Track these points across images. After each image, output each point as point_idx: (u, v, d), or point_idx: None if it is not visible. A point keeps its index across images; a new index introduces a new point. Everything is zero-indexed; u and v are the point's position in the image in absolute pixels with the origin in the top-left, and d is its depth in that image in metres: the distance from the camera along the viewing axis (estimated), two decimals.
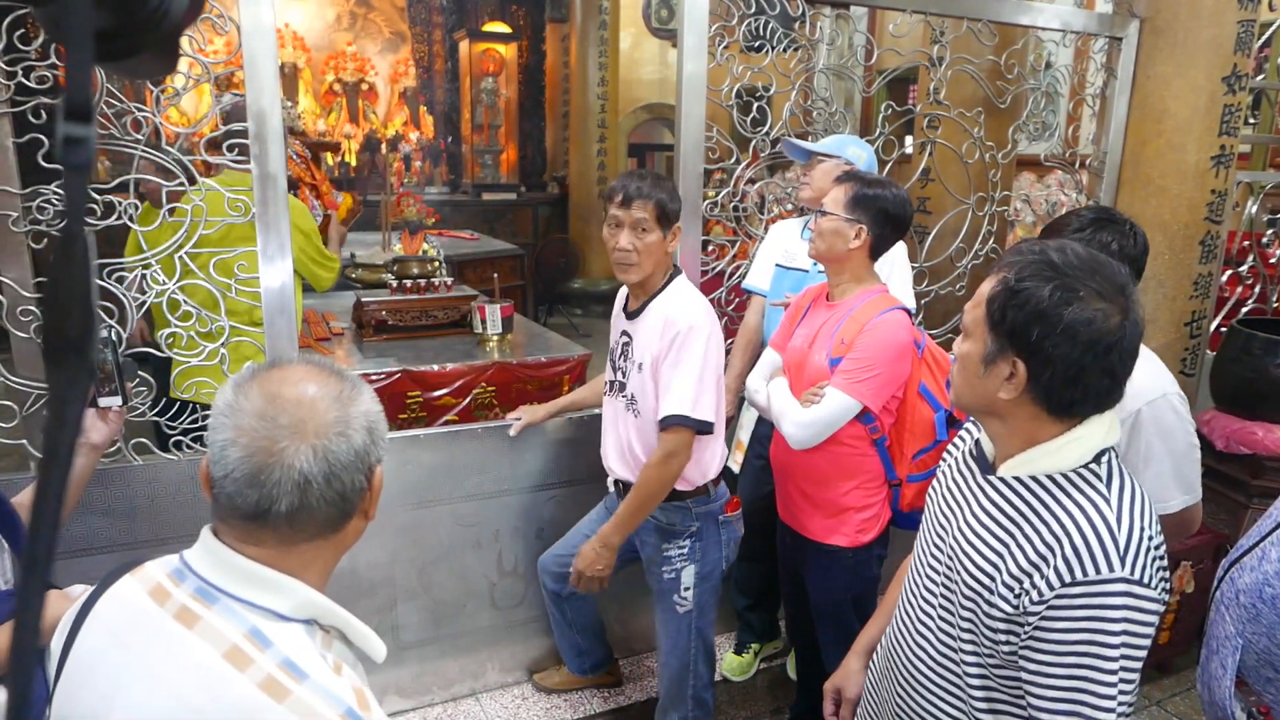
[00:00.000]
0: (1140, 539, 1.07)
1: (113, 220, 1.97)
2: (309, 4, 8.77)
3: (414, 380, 3.05)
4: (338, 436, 0.86)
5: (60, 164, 0.34)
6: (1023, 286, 1.09)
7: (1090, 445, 1.12)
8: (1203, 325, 3.10)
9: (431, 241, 4.34)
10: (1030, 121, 3.11)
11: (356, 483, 0.89)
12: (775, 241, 2.66)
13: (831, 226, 1.96)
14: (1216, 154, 2.90)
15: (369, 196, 7.92)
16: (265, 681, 0.79)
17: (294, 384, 0.87)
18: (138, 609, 0.86)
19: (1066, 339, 1.06)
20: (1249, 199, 3.58)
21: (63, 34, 0.34)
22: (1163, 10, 2.90)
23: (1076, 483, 1.12)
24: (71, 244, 0.34)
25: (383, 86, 9.16)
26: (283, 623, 0.85)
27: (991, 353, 1.13)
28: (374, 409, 0.93)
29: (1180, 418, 1.72)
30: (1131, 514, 1.08)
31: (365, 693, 0.85)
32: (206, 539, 0.88)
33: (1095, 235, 1.73)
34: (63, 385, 0.35)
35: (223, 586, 0.85)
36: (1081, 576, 1.05)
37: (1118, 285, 1.08)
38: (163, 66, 0.43)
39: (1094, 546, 1.05)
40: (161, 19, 0.39)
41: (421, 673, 2.54)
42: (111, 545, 2.08)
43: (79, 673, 0.86)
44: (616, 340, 2.13)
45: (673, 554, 2.09)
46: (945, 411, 1.98)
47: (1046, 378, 1.08)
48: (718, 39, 2.56)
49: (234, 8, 1.93)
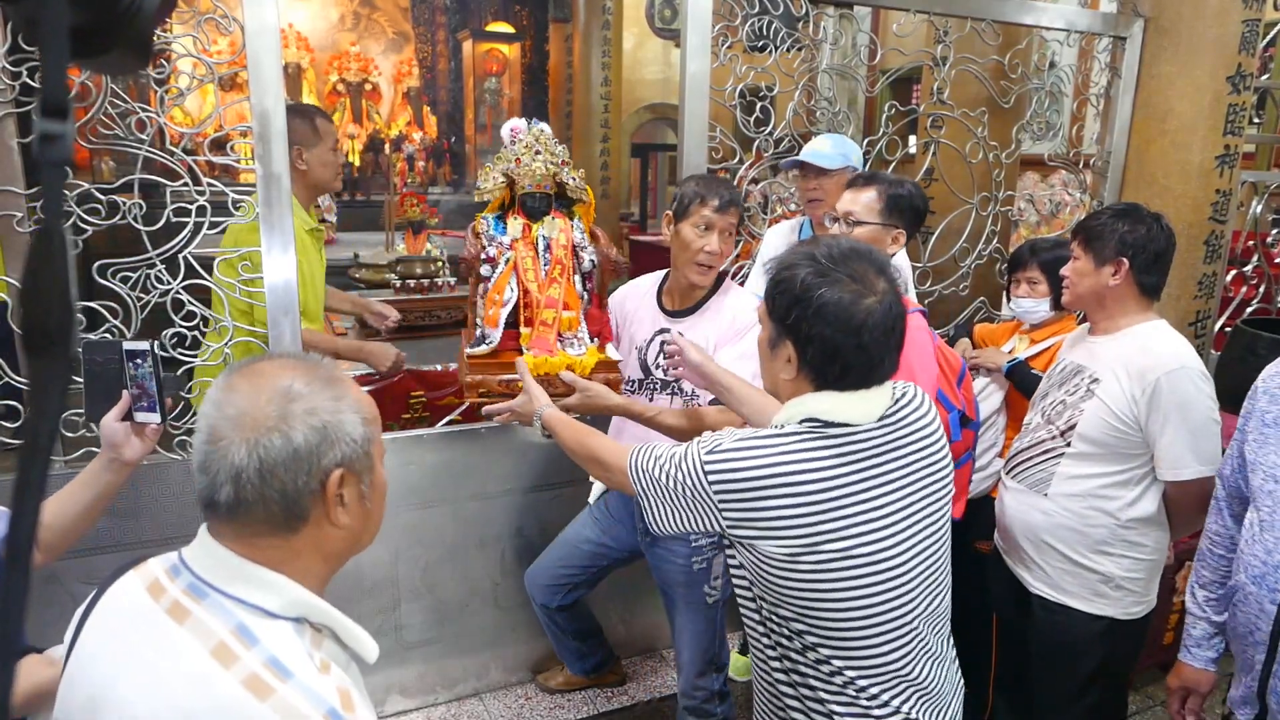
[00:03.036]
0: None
1: (117, 220, 1.97)
2: (313, 4, 8.78)
3: (417, 380, 3.05)
4: (272, 432, 0.84)
5: (37, 159, 0.35)
6: (784, 275, 1.23)
7: (806, 410, 1.23)
8: (1207, 325, 3.09)
9: (435, 242, 4.35)
10: (1034, 121, 3.11)
11: (301, 484, 0.85)
12: (773, 247, 2.63)
13: (870, 235, 1.92)
14: (1221, 154, 2.90)
15: (372, 196, 7.95)
16: (249, 679, 0.79)
17: (254, 376, 0.87)
18: (135, 604, 0.87)
19: (820, 319, 1.18)
20: (1253, 199, 3.58)
21: (38, 32, 0.34)
22: (1167, 10, 2.89)
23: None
24: (49, 238, 0.35)
25: (386, 87, 9.18)
26: (271, 620, 0.84)
27: (773, 338, 1.27)
28: (329, 409, 0.87)
29: (1200, 391, 1.77)
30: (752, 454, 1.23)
31: (351, 693, 0.83)
32: (202, 534, 0.89)
33: (1109, 221, 1.84)
34: (42, 376, 0.35)
35: (213, 582, 0.85)
36: None
37: (875, 270, 1.21)
38: (136, 63, 0.43)
39: None
40: (134, 16, 0.40)
41: (425, 672, 2.54)
42: (116, 544, 2.08)
43: (79, 665, 0.87)
44: (646, 340, 2.07)
45: (703, 543, 2.07)
46: (958, 412, 1.97)
47: (810, 355, 1.21)
48: (721, 39, 2.55)
49: (238, 8, 1.93)
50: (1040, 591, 1.97)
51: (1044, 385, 2.06)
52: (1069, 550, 1.90)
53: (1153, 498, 1.85)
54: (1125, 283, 1.85)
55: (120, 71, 0.48)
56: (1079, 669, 1.94)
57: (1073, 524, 1.88)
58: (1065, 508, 1.89)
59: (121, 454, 1.39)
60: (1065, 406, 1.91)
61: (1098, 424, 1.83)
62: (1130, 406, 1.79)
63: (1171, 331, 1.86)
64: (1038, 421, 2.00)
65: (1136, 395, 1.78)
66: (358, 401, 0.92)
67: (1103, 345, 1.90)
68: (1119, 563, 1.86)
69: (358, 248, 5.16)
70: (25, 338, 0.35)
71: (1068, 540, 1.89)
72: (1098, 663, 1.92)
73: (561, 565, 2.36)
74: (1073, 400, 1.90)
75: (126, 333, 2.03)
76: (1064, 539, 1.90)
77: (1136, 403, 1.78)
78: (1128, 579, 1.87)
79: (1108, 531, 1.86)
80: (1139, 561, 1.87)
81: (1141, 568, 1.88)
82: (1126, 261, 1.83)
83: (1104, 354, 1.88)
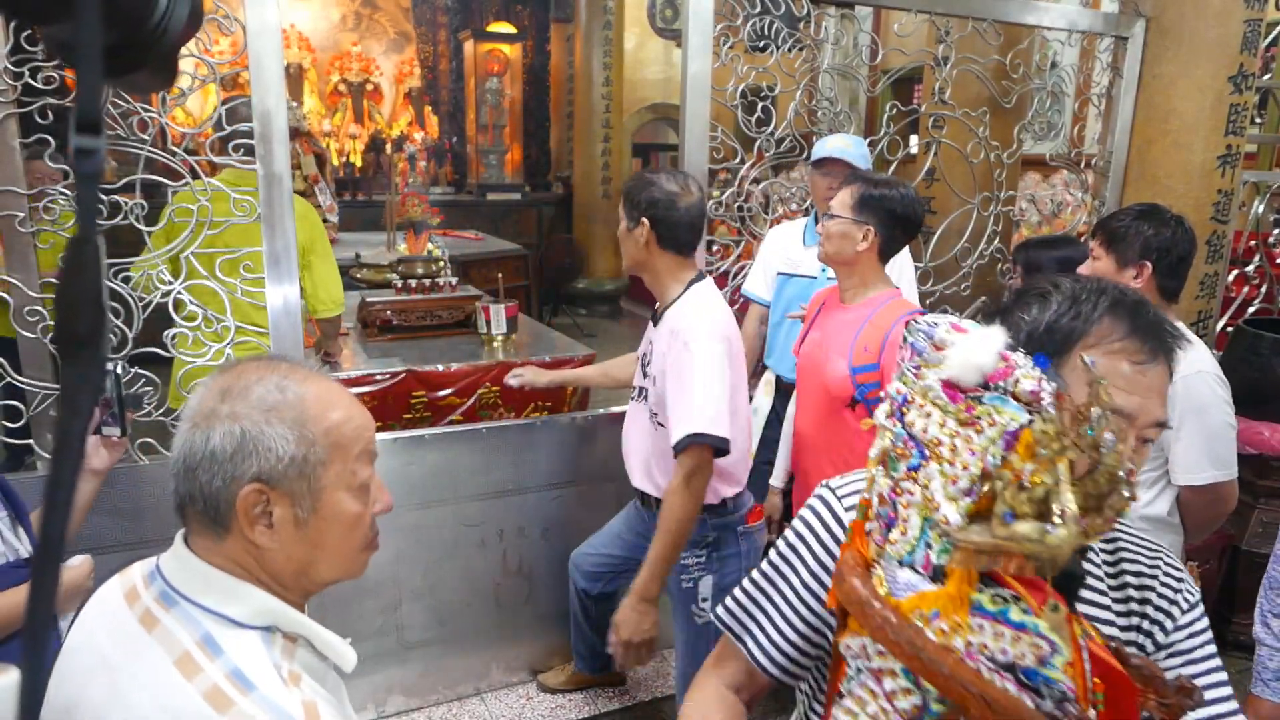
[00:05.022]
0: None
1: (119, 220, 1.98)
2: (314, 4, 8.79)
3: (419, 380, 3.05)
4: (197, 428, 0.84)
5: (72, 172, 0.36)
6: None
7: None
8: (1209, 325, 3.09)
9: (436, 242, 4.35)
10: (1035, 121, 3.11)
11: (214, 486, 0.83)
12: (775, 247, 2.63)
13: (839, 229, 1.93)
14: (1223, 153, 2.89)
15: (374, 196, 7.95)
16: (210, 691, 0.77)
17: (226, 371, 0.88)
18: (112, 610, 0.86)
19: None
20: (1255, 199, 3.57)
21: (73, 52, 0.36)
22: (1169, 9, 2.89)
23: None
24: (83, 247, 0.36)
25: (387, 87, 9.18)
26: (238, 630, 0.82)
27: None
28: (255, 419, 0.83)
29: (1217, 396, 1.76)
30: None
31: (319, 706, 0.80)
32: (177, 541, 0.88)
33: (1133, 223, 1.83)
34: (74, 379, 0.37)
35: (183, 590, 0.84)
36: None
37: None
38: (162, 81, 0.45)
39: None
40: (162, 36, 0.41)
41: (426, 672, 2.54)
42: (118, 544, 2.09)
43: (60, 669, 0.87)
44: (646, 347, 2.07)
45: (690, 563, 2.02)
46: None
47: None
48: (722, 39, 2.55)
49: (239, 8, 1.93)
50: None
51: None
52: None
53: (1166, 499, 1.84)
54: (1147, 286, 1.83)
55: (146, 90, 0.50)
56: None
57: None
58: None
59: (91, 464, 1.56)
60: None
61: None
62: None
63: (1190, 335, 1.85)
64: None
65: None
66: (314, 423, 0.85)
67: None
68: None
69: (359, 248, 5.16)
70: (58, 342, 0.36)
71: None
72: None
73: (606, 551, 2.33)
74: None
75: (128, 333, 2.03)
76: None
77: None
78: None
79: None
80: None
81: None
82: (1150, 265, 1.81)
83: None
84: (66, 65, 0.49)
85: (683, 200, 1.89)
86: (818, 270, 2.44)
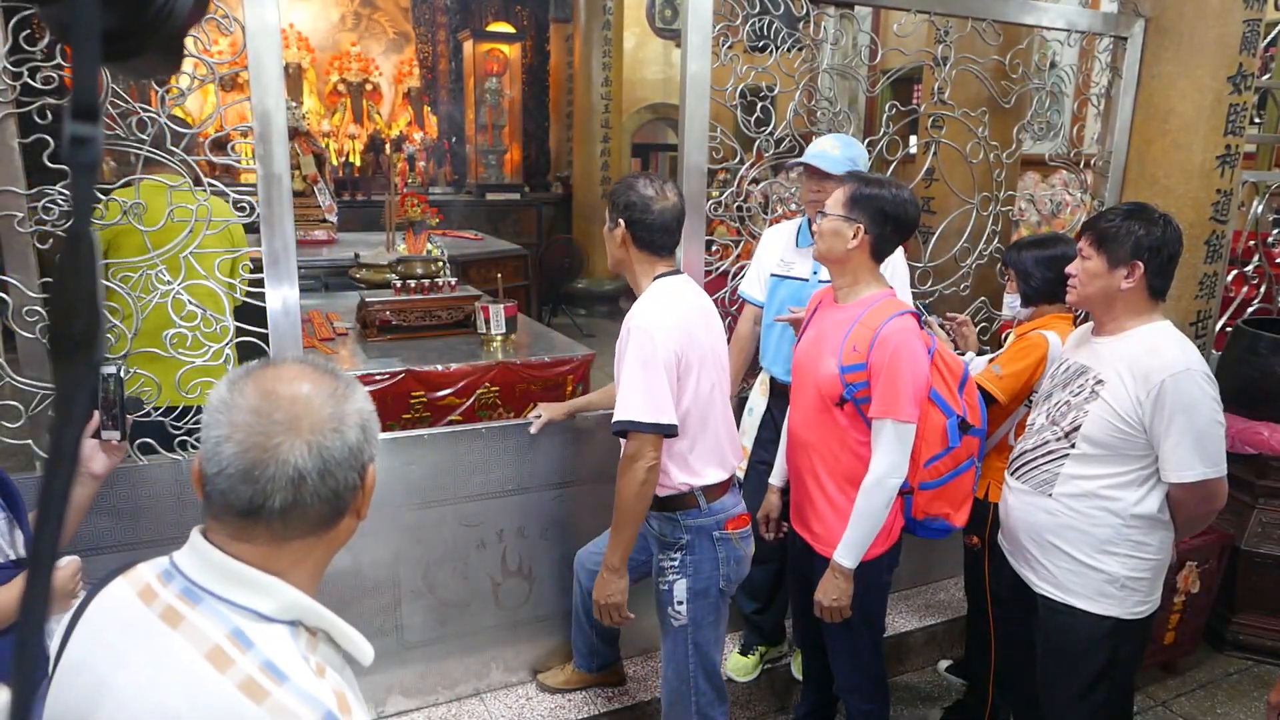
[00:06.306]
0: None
1: (118, 220, 1.98)
2: (313, 4, 8.79)
3: (418, 380, 3.05)
4: (332, 433, 0.86)
5: (67, 163, 0.35)
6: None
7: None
8: (1208, 325, 3.09)
9: (435, 242, 4.35)
10: (1035, 121, 3.11)
11: (350, 480, 0.89)
12: (769, 248, 2.61)
13: (830, 227, 1.94)
14: (1222, 153, 2.90)
15: (373, 196, 7.94)
16: (244, 683, 0.79)
17: (288, 381, 0.87)
18: (126, 610, 0.86)
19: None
20: (1254, 199, 3.58)
21: (70, 34, 0.34)
22: (1168, 9, 2.89)
23: None
24: (78, 243, 0.35)
25: (387, 87, 9.18)
26: (266, 624, 0.84)
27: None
28: (366, 407, 0.92)
29: (1205, 394, 1.77)
30: None
31: (347, 695, 0.84)
32: (194, 539, 0.88)
33: (1124, 223, 1.84)
34: (69, 382, 0.36)
35: (207, 586, 0.85)
36: None
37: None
38: (168, 66, 0.43)
39: None
40: (166, 19, 0.40)
41: (426, 672, 2.54)
42: (117, 545, 2.08)
43: (67, 673, 0.87)
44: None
45: (665, 565, 2.05)
46: (957, 417, 1.95)
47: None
48: (722, 39, 2.55)
49: (239, 8, 1.93)
50: (1045, 592, 1.97)
51: (1047, 385, 2.06)
52: (1074, 550, 1.89)
53: (1156, 497, 1.85)
54: (1138, 286, 1.84)
55: (151, 75, 0.48)
56: (1085, 669, 1.94)
57: (1077, 524, 1.88)
58: (1069, 508, 1.89)
59: (91, 468, 1.53)
60: (1069, 408, 1.91)
61: (1102, 426, 1.83)
62: (1135, 409, 1.79)
63: (1177, 333, 1.85)
64: (1041, 422, 1.99)
65: (1141, 398, 1.77)
66: (368, 396, 0.96)
67: (1107, 346, 1.89)
68: (1124, 563, 1.86)
69: (358, 248, 5.16)
70: (52, 343, 0.35)
71: (1072, 540, 1.89)
72: (1103, 663, 1.92)
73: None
74: (1077, 401, 1.89)
75: (128, 333, 2.03)
76: (1068, 539, 1.90)
77: (1141, 405, 1.78)
78: (1133, 579, 1.87)
79: (1112, 531, 1.85)
80: (1144, 561, 1.87)
81: (1146, 567, 1.88)
82: (1142, 265, 1.82)
83: (1109, 355, 1.87)
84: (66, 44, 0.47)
85: (657, 204, 1.95)
86: (809, 273, 2.44)
